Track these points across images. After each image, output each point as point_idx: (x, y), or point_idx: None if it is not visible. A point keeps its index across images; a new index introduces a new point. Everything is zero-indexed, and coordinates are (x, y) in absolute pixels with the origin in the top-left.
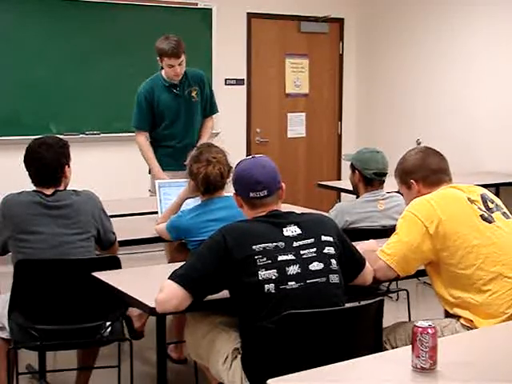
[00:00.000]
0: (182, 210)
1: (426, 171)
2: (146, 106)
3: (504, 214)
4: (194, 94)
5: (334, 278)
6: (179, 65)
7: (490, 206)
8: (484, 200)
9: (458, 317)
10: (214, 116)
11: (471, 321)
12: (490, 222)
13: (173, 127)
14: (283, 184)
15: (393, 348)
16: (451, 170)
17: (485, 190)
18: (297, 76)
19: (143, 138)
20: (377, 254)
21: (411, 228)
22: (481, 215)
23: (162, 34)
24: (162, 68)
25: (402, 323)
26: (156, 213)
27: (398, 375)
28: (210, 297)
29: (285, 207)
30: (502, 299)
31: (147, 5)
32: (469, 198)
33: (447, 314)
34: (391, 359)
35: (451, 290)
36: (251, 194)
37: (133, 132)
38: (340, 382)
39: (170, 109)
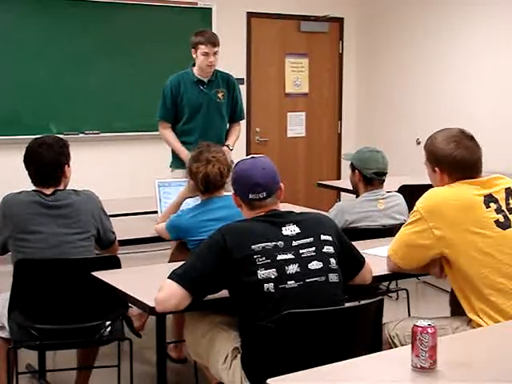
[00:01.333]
0: (181, 209)
1: (454, 166)
2: (171, 98)
3: None
4: (220, 95)
5: (334, 277)
6: (214, 54)
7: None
8: (507, 196)
9: (468, 319)
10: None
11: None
12: (504, 229)
13: (191, 122)
14: (282, 184)
15: (402, 345)
16: None
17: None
18: (297, 75)
19: (166, 130)
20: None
21: (416, 224)
22: (496, 221)
23: (162, 34)
24: (194, 65)
25: (412, 319)
26: (156, 212)
27: (398, 375)
28: (209, 296)
29: (284, 207)
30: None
31: (147, 4)
32: (488, 196)
33: (453, 312)
34: (391, 359)
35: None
36: (251, 196)
37: (132, 132)
38: (339, 382)
39: (192, 104)
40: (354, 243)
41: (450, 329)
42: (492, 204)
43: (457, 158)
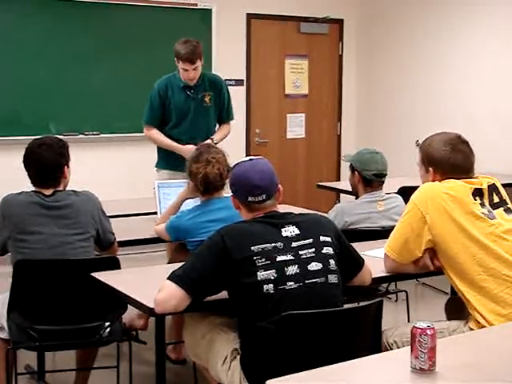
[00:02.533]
0: (181, 210)
1: (447, 168)
2: (158, 102)
3: (507, 209)
4: (207, 98)
5: (333, 278)
6: (193, 69)
7: (495, 199)
8: (490, 192)
9: (465, 320)
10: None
11: (478, 322)
12: (491, 219)
13: (178, 127)
14: (280, 186)
15: None
16: None
17: (495, 181)
18: (296, 77)
19: (153, 131)
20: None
21: (410, 214)
22: (481, 213)
23: (162, 35)
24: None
25: (410, 325)
26: (155, 213)
27: (397, 376)
28: (209, 297)
29: (284, 208)
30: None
31: (147, 5)
32: (476, 190)
33: (449, 316)
34: (390, 360)
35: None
36: (250, 199)
37: (131, 132)
38: (339, 383)
39: (180, 109)
40: (353, 245)
41: (447, 332)
42: (477, 198)
43: (450, 161)
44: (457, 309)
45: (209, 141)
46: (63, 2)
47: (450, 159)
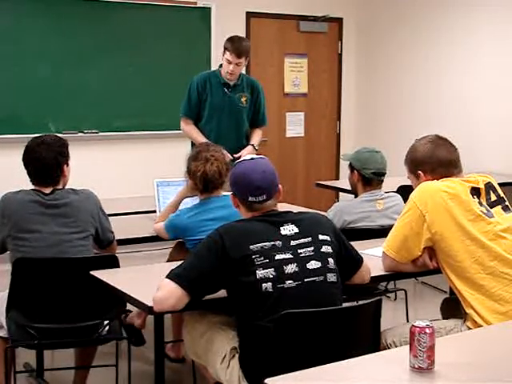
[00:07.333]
0: (180, 208)
1: (434, 164)
2: (196, 94)
3: (505, 207)
4: (243, 99)
5: (332, 277)
6: (237, 65)
7: (493, 198)
8: (487, 191)
9: (463, 319)
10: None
11: (475, 322)
12: (490, 217)
13: (210, 123)
14: (280, 186)
15: None
16: None
17: (491, 179)
18: (296, 75)
19: (190, 126)
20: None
21: (409, 213)
22: (480, 211)
23: (161, 33)
24: (221, 66)
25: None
26: (154, 212)
27: (396, 375)
28: (208, 296)
29: (283, 207)
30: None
31: (146, 3)
32: (473, 189)
33: (444, 315)
34: (389, 359)
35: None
36: (250, 198)
37: (131, 131)
38: (337, 382)
39: (215, 105)
40: (352, 243)
41: (444, 331)
42: (475, 197)
43: (435, 156)
44: (453, 309)
45: (250, 147)
46: (63, 1)
47: (433, 154)
